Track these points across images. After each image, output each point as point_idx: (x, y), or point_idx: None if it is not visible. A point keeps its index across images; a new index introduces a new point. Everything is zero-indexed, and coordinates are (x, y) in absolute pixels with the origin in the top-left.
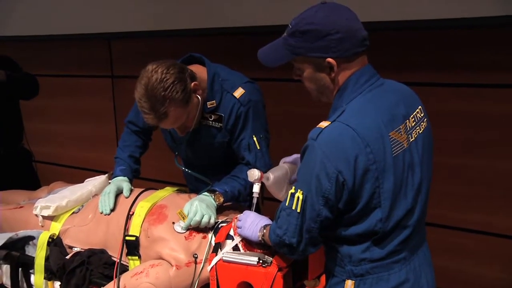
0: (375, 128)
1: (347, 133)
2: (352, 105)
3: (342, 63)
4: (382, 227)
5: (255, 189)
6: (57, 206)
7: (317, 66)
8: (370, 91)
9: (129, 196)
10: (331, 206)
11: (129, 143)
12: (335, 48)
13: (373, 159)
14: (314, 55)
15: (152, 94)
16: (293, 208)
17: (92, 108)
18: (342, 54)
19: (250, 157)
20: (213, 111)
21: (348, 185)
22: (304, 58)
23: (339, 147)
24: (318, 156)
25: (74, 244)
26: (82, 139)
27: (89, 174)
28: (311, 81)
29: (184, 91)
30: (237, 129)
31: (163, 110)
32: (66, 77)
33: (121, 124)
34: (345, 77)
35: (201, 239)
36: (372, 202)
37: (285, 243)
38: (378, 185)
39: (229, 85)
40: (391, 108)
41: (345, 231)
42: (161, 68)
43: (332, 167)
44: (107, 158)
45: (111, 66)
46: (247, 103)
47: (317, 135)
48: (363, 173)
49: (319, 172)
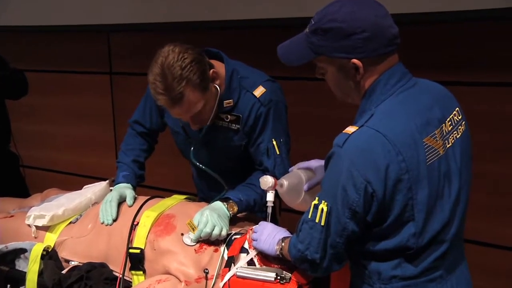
0: (408, 133)
1: (376, 139)
2: (382, 108)
3: (369, 64)
4: (416, 242)
5: (269, 198)
6: (53, 215)
7: (341, 67)
8: (401, 93)
9: (132, 205)
10: (358, 219)
11: (133, 146)
12: (361, 49)
13: (405, 168)
14: (338, 55)
15: (168, 72)
16: (317, 221)
17: (89, 107)
18: (369, 55)
19: (268, 163)
20: (230, 111)
21: (378, 196)
22: (327, 58)
23: (368, 155)
24: (344, 164)
25: (71, 257)
26: (77, 142)
27: (85, 181)
28: (335, 83)
29: (202, 74)
30: (255, 131)
31: (179, 89)
32: (60, 73)
33: (120, 126)
34: (372, 80)
35: (212, 253)
36: (405, 215)
37: (307, 259)
38: (411, 196)
39: (249, 83)
40: (425, 111)
41: (374, 246)
42: (179, 48)
43: (360, 177)
44: (105, 163)
45: (110, 62)
46: (268, 103)
47: (344, 142)
48: (394, 184)
49: (345, 183)
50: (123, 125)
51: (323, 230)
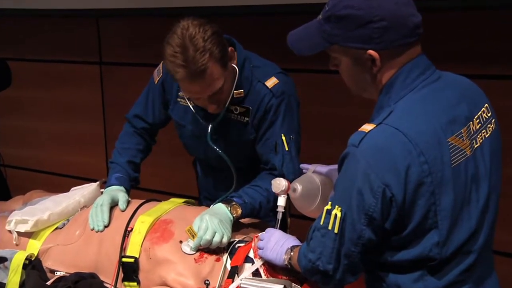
0: (431, 132)
1: (396, 138)
2: (402, 104)
3: (387, 56)
4: (440, 252)
5: (280, 202)
6: (37, 220)
7: (356, 58)
8: (423, 88)
9: (125, 209)
10: (375, 226)
11: (128, 146)
12: (379, 39)
13: (428, 170)
14: (353, 45)
15: (190, 43)
16: (329, 228)
17: (76, 101)
18: (387, 46)
19: (276, 160)
20: (240, 102)
21: (397, 201)
22: (341, 47)
23: (387, 156)
24: (360, 166)
25: (57, 267)
26: (64, 139)
27: (73, 182)
28: (349, 76)
29: (223, 49)
30: (264, 124)
31: (203, 61)
32: (43, 63)
33: (111, 121)
34: (391, 73)
35: (214, 262)
36: (427, 222)
37: (319, 270)
38: (434, 201)
39: (261, 73)
40: (450, 107)
41: (393, 257)
42: (198, 21)
43: (377, 179)
44: (95, 162)
45: (100, 51)
46: (280, 95)
47: (360, 141)
48: (415, 187)
49: (361, 186)
50: (114, 120)
51: (337, 238)
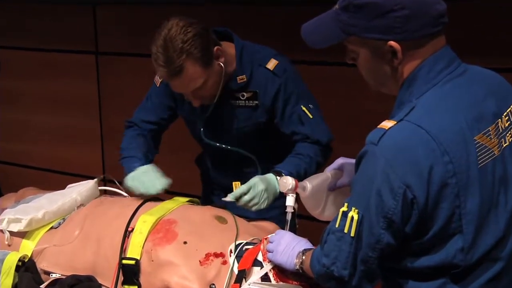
0: (456, 130)
1: (418, 136)
2: (425, 100)
3: (408, 47)
4: (464, 259)
5: (289, 202)
6: (31, 219)
7: (375, 50)
8: (448, 82)
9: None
10: (395, 230)
11: (135, 144)
12: (400, 29)
13: (452, 170)
14: (372, 36)
15: (170, 44)
16: (345, 231)
17: (71, 92)
18: (408, 36)
19: (306, 130)
20: (245, 87)
21: (419, 203)
22: (359, 39)
23: (408, 155)
24: (379, 165)
25: (52, 268)
26: (58, 133)
27: (68, 179)
28: (368, 69)
29: (204, 49)
30: (279, 105)
31: (179, 62)
32: (36, 52)
33: (107, 114)
34: (413, 66)
35: (220, 265)
36: (451, 227)
37: (333, 276)
38: (459, 204)
39: (260, 58)
40: (477, 103)
41: (413, 263)
42: (183, 22)
43: (398, 180)
44: (90, 158)
45: (96, 39)
46: (283, 74)
47: (379, 139)
48: (439, 189)
49: (380, 186)
50: (111, 113)
51: (353, 242)
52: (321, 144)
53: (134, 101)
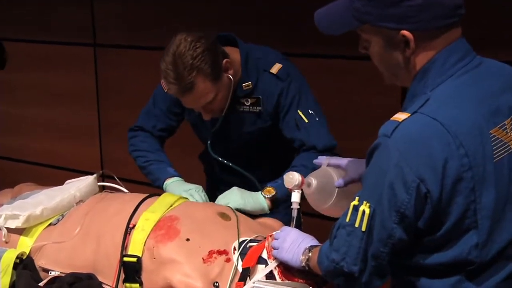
0: (472, 123)
1: (433, 128)
2: (439, 92)
3: (422, 38)
4: (479, 255)
5: (295, 198)
6: (29, 215)
7: (388, 39)
8: (463, 74)
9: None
10: (407, 224)
11: (157, 147)
12: (414, 18)
13: (468, 164)
14: (385, 25)
15: (179, 61)
16: (356, 226)
17: (68, 85)
18: (422, 26)
19: (301, 135)
20: (250, 93)
21: (433, 198)
22: (372, 27)
23: (422, 148)
24: (393, 158)
25: (51, 266)
26: (55, 127)
27: (65, 174)
28: (380, 59)
29: (214, 64)
30: (281, 109)
31: (190, 79)
32: (33, 44)
33: (105, 107)
34: (427, 57)
35: (224, 263)
36: (465, 222)
37: (343, 272)
38: (474, 199)
39: (265, 63)
40: (492, 96)
41: (426, 259)
42: (192, 37)
43: (411, 173)
44: (88, 153)
45: (94, 32)
46: (286, 78)
47: (392, 131)
48: (453, 183)
49: (393, 179)
50: (109, 107)
51: (364, 237)
52: (316, 149)
53: (133, 94)
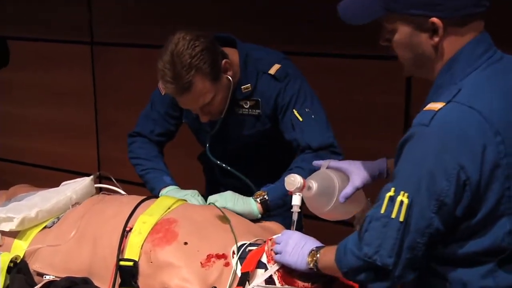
0: (504, 111)
1: (471, 117)
2: (470, 82)
3: (450, 26)
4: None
5: (296, 202)
6: (23, 217)
7: (416, 27)
8: (488, 66)
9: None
10: (445, 213)
11: (156, 154)
12: (443, 6)
13: (504, 151)
14: (414, 12)
15: (177, 60)
16: (393, 217)
17: (65, 84)
18: (451, 14)
19: (296, 135)
20: (249, 96)
21: (472, 185)
22: (399, 15)
23: (462, 135)
24: (432, 146)
25: (46, 270)
26: (51, 127)
27: (62, 175)
28: (406, 48)
29: (213, 64)
30: (279, 111)
31: (188, 78)
32: (29, 42)
33: (103, 107)
34: (454, 46)
35: (222, 267)
36: (500, 208)
37: (375, 266)
38: (509, 186)
39: (265, 64)
40: None
41: (461, 249)
42: (190, 36)
43: (452, 160)
44: (85, 153)
45: (91, 30)
46: (284, 78)
47: (430, 120)
48: (491, 170)
49: (433, 167)
50: (107, 107)
51: (401, 228)
52: (311, 148)
53: (131, 93)
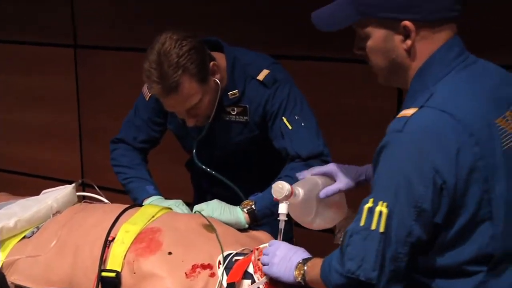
0: (479, 113)
1: (443, 120)
2: (443, 85)
3: (422, 29)
4: (498, 247)
5: (282, 210)
6: (1, 227)
7: (389, 31)
8: (462, 69)
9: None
10: (425, 220)
11: (139, 161)
12: (416, 8)
13: (479, 153)
14: (388, 15)
15: (164, 59)
16: (373, 228)
17: (47, 88)
18: (424, 17)
19: (285, 143)
20: (237, 102)
21: (449, 189)
22: (373, 20)
23: (436, 138)
24: (407, 151)
25: (24, 282)
26: (32, 133)
27: (43, 183)
28: (380, 53)
29: (201, 65)
30: (268, 117)
31: (175, 78)
32: (10, 44)
33: (86, 111)
34: (427, 50)
35: (208, 278)
36: (480, 213)
37: (359, 281)
38: (488, 189)
39: (253, 70)
40: (493, 89)
41: (445, 258)
42: (177, 36)
43: (427, 164)
44: (67, 160)
45: (74, 31)
46: (272, 84)
47: (403, 125)
48: (468, 173)
49: (409, 173)
50: (90, 111)
51: (382, 239)
52: (301, 157)
53: (116, 98)
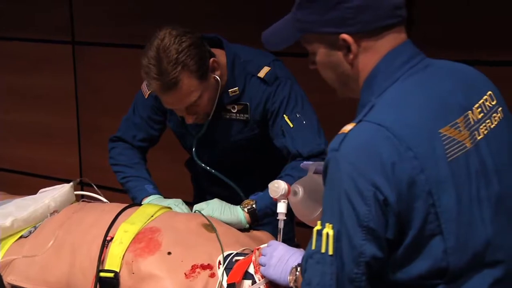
0: (419, 124)
1: (379, 134)
2: (385, 97)
3: (363, 40)
4: (452, 261)
5: (281, 209)
6: None
7: (330, 46)
8: (409, 77)
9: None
10: (377, 238)
11: (138, 160)
12: (352, 20)
13: (419, 166)
14: (325, 30)
15: (163, 55)
16: (323, 252)
17: (45, 86)
18: (361, 28)
19: (286, 142)
20: (237, 100)
21: (392, 204)
22: (314, 36)
23: (371, 154)
24: (344, 170)
25: (21, 282)
26: (30, 132)
27: (40, 182)
28: (327, 68)
29: (201, 61)
30: (269, 115)
31: (174, 74)
32: (7, 41)
33: (85, 110)
34: (372, 61)
35: (207, 278)
36: (428, 227)
37: None
38: (433, 202)
39: (254, 67)
40: (441, 96)
41: (401, 274)
42: (177, 31)
43: (366, 182)
44: (66, 159)
45: (72, 28)
46: (274, 81)
47: (339, 144)
48: (408, 187)
49: (350, 193)
50: (89, 110)
51: (333, 261)
52: (302, 156)
53: (115, 96)
